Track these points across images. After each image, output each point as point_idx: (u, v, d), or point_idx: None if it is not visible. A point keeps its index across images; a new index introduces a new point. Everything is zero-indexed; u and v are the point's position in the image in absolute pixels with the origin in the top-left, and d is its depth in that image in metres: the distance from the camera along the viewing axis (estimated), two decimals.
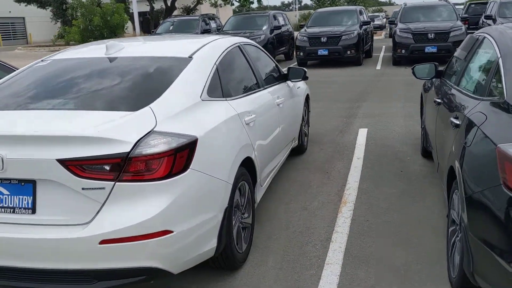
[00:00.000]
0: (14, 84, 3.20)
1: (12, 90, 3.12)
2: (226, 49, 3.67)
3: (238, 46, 4.02)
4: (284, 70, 5.12)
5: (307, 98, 5.99)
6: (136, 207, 2.37)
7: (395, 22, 14.92)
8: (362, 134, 6.61)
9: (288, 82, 5.04)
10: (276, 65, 4.98)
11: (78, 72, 3.21)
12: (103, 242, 2.32)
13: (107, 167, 2.34)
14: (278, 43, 16.60)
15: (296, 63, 15.72)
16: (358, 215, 4.03)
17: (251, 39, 14.87)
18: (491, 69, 2.89)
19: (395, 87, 10.36)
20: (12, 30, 49.58)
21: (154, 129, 2.50)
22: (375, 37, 27.29)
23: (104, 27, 17.61)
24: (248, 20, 16.99)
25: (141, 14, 39.10)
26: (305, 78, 5.02)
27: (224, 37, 4.09)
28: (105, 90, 2.94)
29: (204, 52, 3.40)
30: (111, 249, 2.33)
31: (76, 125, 2.51)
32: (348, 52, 14.46)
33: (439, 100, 3.87)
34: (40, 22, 48.09)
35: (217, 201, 2.79)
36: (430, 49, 13.11)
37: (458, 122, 2.93)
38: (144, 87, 2.94)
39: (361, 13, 16.28)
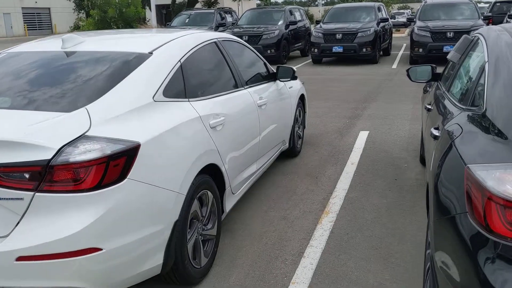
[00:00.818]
0: None
1: None
2: (196, 46, 3.41)
3: (215, 42, 3.75)
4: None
5: (302, 98, 5.69)
6: (59, 221, 2.13)
7: (414, 20, 14.40)
8: (362, 137, 6.28)
9: (278, 82, 4.75)
10: (265, 63, 4.70)
11: (27, 67, 3.00)
12: (20, 258, 2.09)
13: (27, 176, 2.11)
14: (294, 39, 16.25)
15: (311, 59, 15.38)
16: (338, 228, 3.73)
17: (265, 34, 14.92)
18: (477, 75, 2.56)
19: (407, 87, 9.94)
20: (37, 20, 50.23)
21: (86, 133, 2.26)
22: (398, 35, 26.70)
23: (119, 19, 17.52)
24: (264, 14, 16.67)
25: (164, 6, 39.13)
26: (293, 78, 4.72)
27: (200, 32, 3.83)
28: (48, 87, 2.71)
29: (167, 48, 3.14)
30: (29, 267, 2.10)
31: (1, 127, 2.28)
32: (364, 49, 14.04)
33: (429, 107, 3.54)
34: (64, 13, 48.65)
35: (163, 214, 2.54)
36: (448, 48, 12.57)
37: (437, 134, 2.61)
38: (89, 85, 2.70)
39: (379, 9, 15.80)
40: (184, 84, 3.07)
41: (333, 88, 10.30)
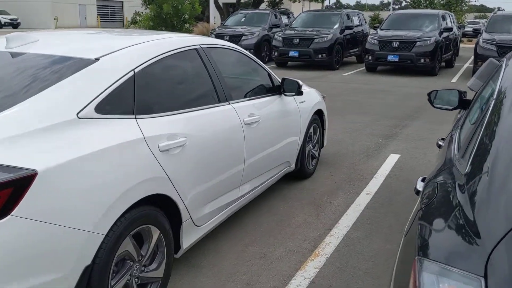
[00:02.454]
0: None
1: None
2: (165, 53, 2.93)
3: (196, 50, 3.26)
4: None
5: (320, 114, 5.07)
6: None
7: (481, 31, 13.21)
8: (390, 162, 5.57)
9: (284, 96, 4.19)
10: (269, 75, 4.15)
11: None
12: None
13: None
14: (349, 44, 15.48)
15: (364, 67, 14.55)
16: (322, 277, 3.14)
17: (317, 38, 14.25)
18: (478, 116, 1.91)
19: None
20: (110, 13, 51.99)
21: None
22: (470, 45, 24.96)
23: (175, 16, 17.45)
24: (319, 17, 16.00)
25: (231, 5, 39.28)
26: (299, 92, 4.14)
27: (183, 36, 3.35)
28: None
29: (121, 54, 2.69)
30: None
31: None
32: (422, 60, 13.05)
33: (441, 143, 2.87)
34: (136, 7, 50.08)
35: (65, 259, 2.08)
36: None
37: (419, 188, 1.98)
38: (8, 93, 2.29)
39: (444, 18, 14.66)
40: (134, 98, 2.60)
41: (377, 101, 9.52)
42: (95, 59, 2.58)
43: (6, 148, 1.97)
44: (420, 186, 2.00)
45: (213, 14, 34.38)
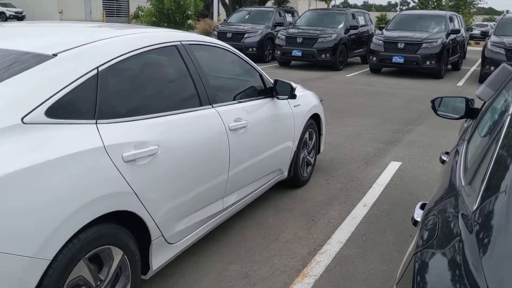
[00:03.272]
0: None
1: None
2: (137, 49, 2.61)
3: (175, 46, 2.94)
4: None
5: (317, 118, 4.75)
6: None
7: (489, 34, 12.83)
8: (391, 170, 5.24)
9: (276, 99, 3.86)
10: (261, 75, 3.82)
11: None
12: None
13: None
14: (354, 44, 15.13)
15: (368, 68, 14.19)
16: None
17: (321, 37, 13.89)
18: (490, 137, 1.58)
19: None
20: (116, 8, 51.62)
21: None
22: (477, 48, 24.49)
23: (177, 11, 17.13)
24: (324, 16, 15.64)
25: (238, 2, 38.92)
26: (292, 96, 3.81)
27: (161, 31, 3.03)
28: None
29: (84, 50, 2.37)
30: None
31: None
32: (428, 62, 12.68)
33: (444, 158, 2.54)
34: (140, 1, 49.72)
35: None
36: None
37: (417, 218, 1.65)
38: None
39: (451, 19, 14.28)
40: (96, 100, 2.29)
41: (380, 103, 9.17)
42: (53, 54, 2.27)
43: None
44: (418, 215, 1.68)
45: (219, 11, 34.05)
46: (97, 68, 2.34)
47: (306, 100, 4.48)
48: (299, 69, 14.29)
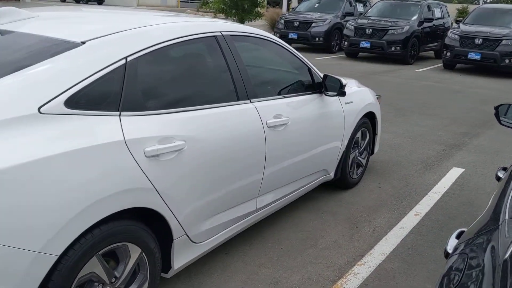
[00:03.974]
0: None
1: None
2: (171, 39, 2.49)
3: (215, 37, 2.79)
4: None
5: (372, 117, 4.46)
6: None
7: None
8: (451, 177, 4.85)
9: (325, 95, 3.63)
10: (309, 70, 3.60)
11: None
12: None
13: None
14: (428, 38, 14.36)
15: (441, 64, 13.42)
16: None
17: (392, 29, 13.28)
18: None
19: None
20: None
21: None
22: None
23: None
24: (397, 7, 14.90)
25: None
26: (341, 93, 3.56)
27: (203, 21, 2.89)
28: None
29: (115, 38, 2.28)
30: None
31: None
32: (507, 60, 11.77)
33: (500, 175, 2.23)
34: None
35: (5, 284, 1.73)
36: None
37: (448, 251, 1.41)
38: None
39: None
40: (122, 91, 2.19)
41: (450, 102, 8.60)
42: (81, 42, 2.20)
43: None
44: (451, 246, 1.43)
45: None
46: (125, 58, 2.25)
47: (360, 97, 4.21)
48: (367, 61, 13.77)
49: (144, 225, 2.26)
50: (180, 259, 2.53)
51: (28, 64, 2.00)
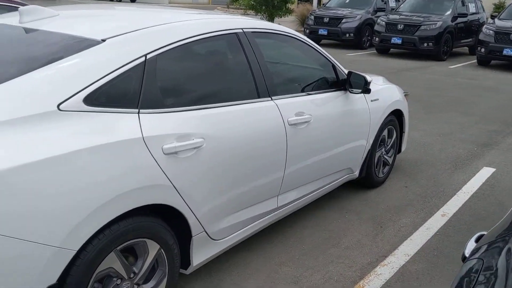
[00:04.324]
0: None
1: None
2: (191, 37, 2.49)
3: (236, 34, 2.78)
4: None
5: (400, 114, 4.37)
6: None
7: None
8: (481, 177, 4.71)
9: (350, 92, 3.58)
10: (334, 66, 3.55)
11: None
12: None
13: None
14: (461, 33, 13.98)
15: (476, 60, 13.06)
16: None
17: (424, 25, 13.00)
18: None
19: None
20: None
21: None
22: None
23: None
24: (430, 2, 14.55)
25: None
26: (365, 90, 3.50)
27: (222, 17, 2.88)
28: None
29: (135, 35, 2.29)
30: None
31: None
32: None
33: None
34: None
35: (18, 277, 1.77)
36: None
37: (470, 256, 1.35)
38: None
39: None
40: (141, 89, 2.21)
41: (483, 100, 8.36)
42: (101, 40, 2.22)
43: None
44: (469, 250, 1.38)
45: None
46: (145, 55, 2.26)
47: (387, 94, 4.13)
48: (398, 57, 13.52)
49: (163, 222, 2.28)
50: (199, 256, 2.54)
51: (49, 62, 2.04)
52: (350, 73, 3.54)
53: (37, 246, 1.77)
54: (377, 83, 4.07)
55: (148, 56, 2.27)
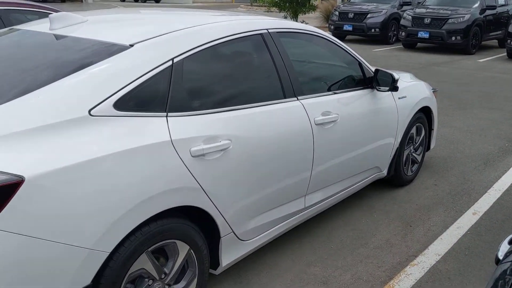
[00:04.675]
0: None
1: None
2: (217, 39, 2.51)
3: (261, 35, 2.79)
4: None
5: (428, 111, 4.31)
6: None
7: None
8: None
9: (377, 90, 3.54)
10: (360, 65, 3.52)
11: (4, 47, 2.50)
12: None
13: None
14: (490, 26, 13.67)
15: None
16: None
17: (452, 18, 12.76)
18: None
19: None
20: None
21: None
22: None
23: None
24: None
25: None
26: (393, 88, 3.45)
27: (244, 19, 2.87)
28: None
29: (162, 40, 2.32)
30: None
31: None
32: None
33: None
34: None
35: (53, 278, 1.82)
36: None
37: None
38: (25, 81, 2.04)
39: None
40: (169, 92, 2.24)
41: None
42: (130, 45, 2.26)
43: None
44: (502, 252, 1.35)
45: None
46: (172, 59, 2.29)
47: (415, 91, 4.07)
48: (425, 52, 13.30)
49: (192, 223, 2.31)
50: (228, 256, 2.56)
51: (79, 68, 2.08)
52: (377, 70, 3.50)
53: (71, 248, 1.82)
54: (404, 80, 4.02)
55: (175, 60, 2.30)
